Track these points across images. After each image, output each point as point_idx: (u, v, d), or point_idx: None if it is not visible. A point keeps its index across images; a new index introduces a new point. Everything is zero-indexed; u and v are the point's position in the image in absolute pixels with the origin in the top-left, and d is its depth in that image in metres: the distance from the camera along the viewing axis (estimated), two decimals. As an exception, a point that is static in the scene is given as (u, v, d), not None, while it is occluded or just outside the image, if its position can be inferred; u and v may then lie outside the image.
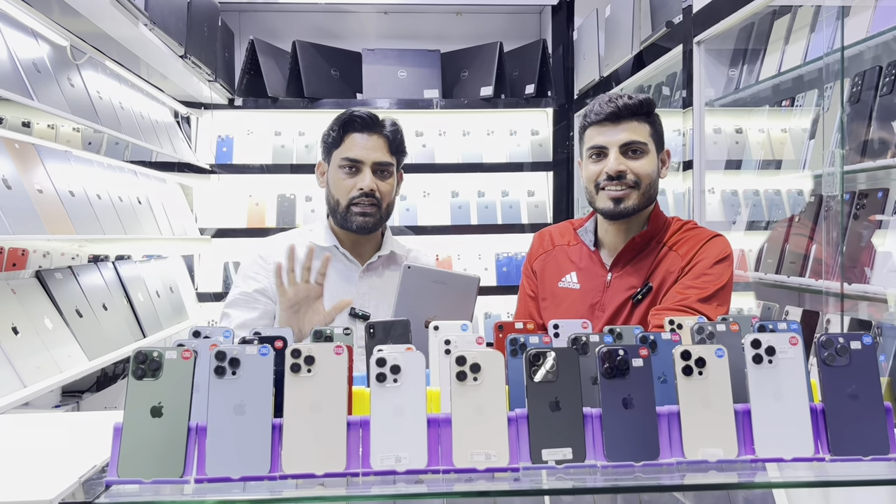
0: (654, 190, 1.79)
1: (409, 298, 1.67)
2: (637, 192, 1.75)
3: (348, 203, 1.91)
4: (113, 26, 2.73)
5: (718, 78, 2.89)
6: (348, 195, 1.91)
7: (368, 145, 1.93)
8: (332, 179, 1.95)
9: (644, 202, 1.77)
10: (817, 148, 2.33)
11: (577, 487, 1.00)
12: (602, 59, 3.92)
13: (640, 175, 1.75)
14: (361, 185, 1.90)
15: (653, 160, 1.77)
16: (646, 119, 1.77)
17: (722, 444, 1.01)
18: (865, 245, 2.09)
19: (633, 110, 1.75)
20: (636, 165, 1.75)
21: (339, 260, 1.98)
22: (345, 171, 1.92)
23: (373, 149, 1.93)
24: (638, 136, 1.75)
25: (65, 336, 2.44)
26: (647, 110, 1.77)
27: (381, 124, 1.96)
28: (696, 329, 1.15)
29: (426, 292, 1.68)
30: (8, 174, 2.19)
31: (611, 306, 1.79)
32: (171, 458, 0.97)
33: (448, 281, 1.72)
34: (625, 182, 1.74)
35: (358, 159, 1.92)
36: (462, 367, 1.01)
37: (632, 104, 1.75)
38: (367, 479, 0.98)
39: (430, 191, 4.58)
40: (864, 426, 1.03)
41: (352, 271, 1.99)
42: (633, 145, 1.75)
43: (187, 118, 4.30)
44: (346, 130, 1.94)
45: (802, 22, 2.45)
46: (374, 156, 1.93)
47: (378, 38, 4.80)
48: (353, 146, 1.93)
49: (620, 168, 1.74)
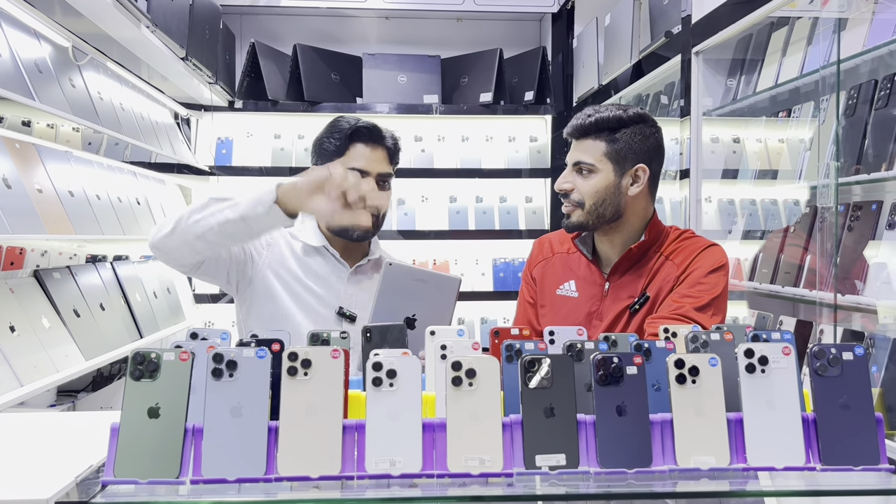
0: (609, 208, 1.76)
1: (390, 296, 1.67)
2: (581, 210, 1.77)
3: None
4: (115, 28, 2.74)
5: (716, 88, 2.90)
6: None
7: (373, 157, 1.94)
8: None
9: (594, 220, 1.77)
10: (813, 159, 2.35)
11: (570, 493, 1.01)
12: (601, 67, 3.94)
13: (583, 194, 1.76)
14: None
15: (604, 179, 1.75)
16: (606, 137, 1.75)
17: (714, 453, 1.02)
18: (859, 257, 2.10)
19: (588, 129, 1.76)
20: (580, 184, 1.77)
21: (328, 260, 2.00)
22: None
23: (377, 160, 1.95)
24: (586, 156, 1.76)
25: (62, 335, 2.44)
26: (605, 128, 1.75)
27: (383, 136, 1.98)
28: (691, 338, 1.16)
29: (407, 291, 1.68)
30: (8, 173, 2.20)
31: (608, 315, 1.79)
32: (167, 458, 0.97)
33: (429, 280, 1.71)
34: (569, 200, 1.79)
35: (364, 170, 1.92)
36: (458, 373, 1.02)
37: (583, 124, 1.76)
38: (361, 482, 0.99)
39: (428, 196, 4.59)
40: (855, 436, 1.04)
41: (340, 272, 2.00)
42: (580, 165, 1.77)
43: (187, 120, 4.31)
44: (351, 140, 1.94)
45: (800, 34, 2.47)
46: (379, 167, 1.95)
47: (378, 42, 4.82)
48: (358, 157, 1.93)
49: (562, 186, 1.79)
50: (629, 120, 1.76)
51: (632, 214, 1.80)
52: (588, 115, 1.78)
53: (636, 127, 1.76)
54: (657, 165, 1.81)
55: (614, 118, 1.75)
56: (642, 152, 1.77)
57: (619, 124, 1.75)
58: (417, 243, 4.47)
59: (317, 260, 2.00)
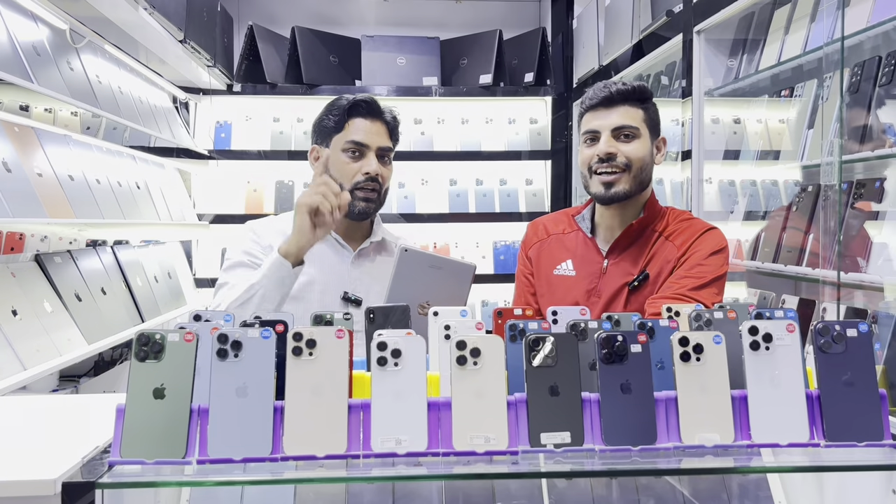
0: (647, 175, 1.80)
1: (404, 281, 1.66)
2: (628, 175, 1.76)
3: (352, 188, 1.89)
4: (112, 10, 2.72)
5: (718, 67, 2.89)
6: (352, 179, 1.90)
7: (372, 130, 1.93)
8: (335, 163, 1.92)
9: (636, 186, 1.78)
10: (816, 138, 2.34)
11: (575, 471, 1.01)
12: (601, 47, 3.92)
13: (630, 158, 1.76)
14: (367, 169, 1.90)
15: (645, 145, 1.78)
16: (640, 105, 1.79)
17: (718, 430, 1.02)
18: (862, 234, 2.10)
19: (625, 96, 1.77)
20: (627, 149, 1.76)
21: (331, 245, 1.98)
22: (348, 154, 1.91)
23: (376, 133, 1.93)
24: (629, 120, 1.77)
25: (64, 320, 2.44)
26: (640, 96, 1.79)
27: (382, 110, 1.97)
28: (694, 316, 1.16)
29: (421, 276, 1.68)
30: (8, 157, 2.19)
31: (607, 292, 1.81)
32: (173, 439, 0.98)
33: (444, 266, 1.71)
34: (615, 164, 1.76)
35: (363, 143, 1.91)
36: (462, 352, 1.02)
37: (625, 90, 1.78)
38: (367, 461, 0.99)
39: (428, 178, 4.58)
40: (859, 413, 1.04)
41: (343, 256, 1.98)
42: (625, 129, 1.77)
43: (186, 103, 4.29)
44: (350, 115, 1.92)
45: (803, 11, 2.45)
46: (379, 140, 1.93)
47: (377, 24, 4.79)
48: (357, 130, 1.91)
49: (610, 150, 1.76)
50: (651, 93, 1.82)
51: (649, 187, 1.83)
52: (622, 83, 1.79)
53: (654, 101, 1.83)
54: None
55: (643, 88, 1.80)
56: (660, 125, 1.82)
57: (648, 95, 1.81)
58: (418, 226, 4.46)
59: (319, 246, 1.95)
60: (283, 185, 4.41)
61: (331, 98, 2.04)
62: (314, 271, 1.92)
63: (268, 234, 1.94)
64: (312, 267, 1.92)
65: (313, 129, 2.01)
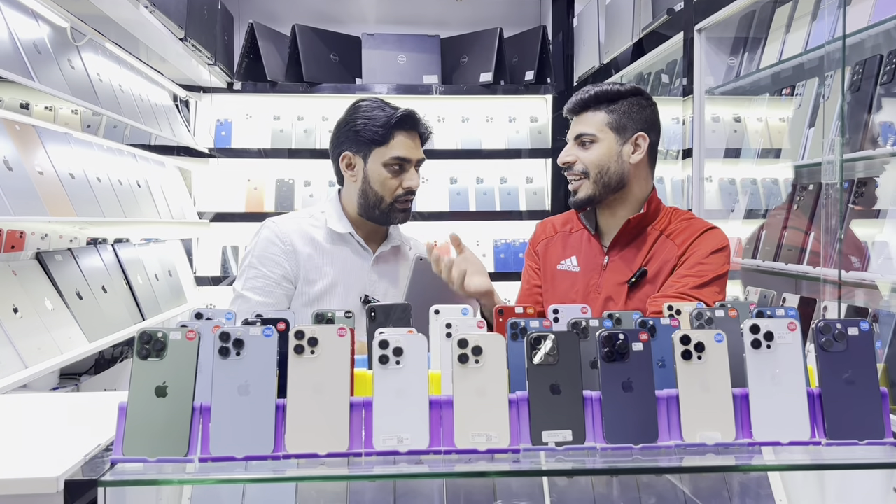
0: (613, 177, 1.80)
1: (419, 290, 1.72)
2: (588, 181, 1.81)
3: (393, 200, 1.95)
4: (113, 8, 2.72)
5: (719, 66, 2.88)
6: (394, 193, 1.94)
7: (413, 144, 1.97)
8: (376, 177, 1.94)
9: (600, 189, 1.81)
10: (817, 136, 2.34)
11: (577, 469, 1.02)
12: (602, 45, 3.91)
13: (586, 164, 1.81)
14: (409, 184, 1.95)
15: (604, 148, 1.80)
16: (604, 107, 1.81)
17: (720, 428, 1.03)
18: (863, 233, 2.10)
19: (586, 103, 1.83)
20: (584, 155, 1.82)
21: (353, 247, 2.00)
22: (392, 169, 1.93)
23: (415, 147, 1.97)
24: (587, 127, 1.82)
25: (65, 318, 2.44)
26: (604, 100, 1.81)
27: (418, 122, 1.99)
28: (695, 315, 1.16)
29: (435, 285, 1.73)
30: (9, 155, 2.19)
31: (606, 288, 1.83)
32: (175, 437, 0.98)
33: None
34: (573, 172, 1.83)
35: (408, 158, 1.94)
36: (464, 350, 1.02)
37: (582, 99, 1.83)
38: (369, 459, 0.99)
39: (428, 177, 4.57)
40: (860, 411, 1.04)
41: (364, 259, 2.00)
42: (583, 136, 1.82)
43: (186, 102, 4.28)
44: (396, 129, 1.94)
45: (804, 10, 2.45)
46: (417, 154, 1.98)
47: (378, 22, 4.79)
48: (401, 146, 1.94)
49: (566, 159, 1.84)
50: (626, 92, 1.83)
51: (635, 184, 1.83)
52: (586, 90, 1.84)
53: (633, 99, 1.83)
54: (655, 136, 1.86)
55: (612, 90, 1.82)
56: (641, 121, 1.82)
57: (617, 96, 1.82)
58: (418, 225, 4.45)
59: (341, 248, 1.99)
60: (283, 183, 4.41)
61: (331, 96, 2.06)
62: (337, 274, 1.95)
63: (291, 236, 1.95)
64: (334, 269, 1.96)
65: (345, 133, 1.98)
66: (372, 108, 1.96)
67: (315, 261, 1.95)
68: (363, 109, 1.97)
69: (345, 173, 2.00)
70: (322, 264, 1.96)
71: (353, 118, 1.97)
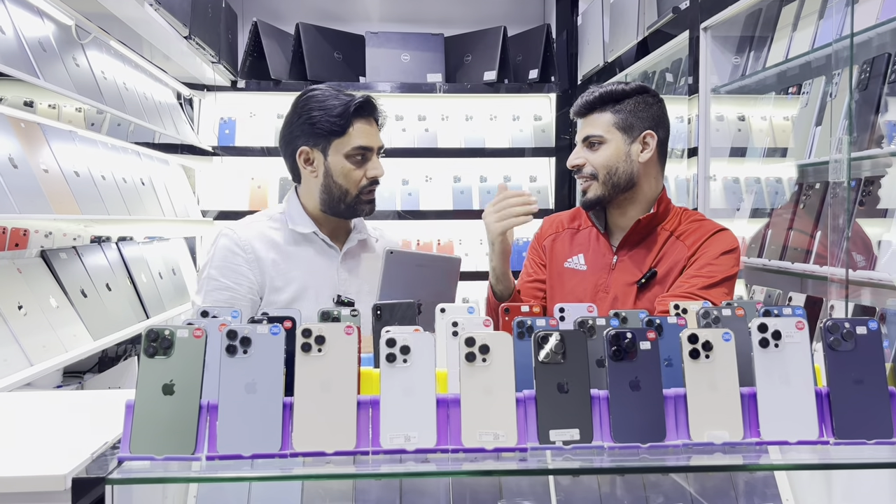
0: (622, 177, 1.80)
1: (393, 283, 1.66)
2: (597, 182, 1.81)
3: (358, 192, 1.85)
4: (118, 6, 2.72)
5: (724, 65, 2.88)
6: (359, 185, 1.85)
7: (372, 131, 1.87)
8: (338, 169, 1.84)
9: (609, 190, 1.81)
10: (823, 135, 2.33)
11: (584, 468, 1.01)
12: (606, 44, 3.91)
13: (595, 166, 1.81)
14: (374, 172, 1.85)
15: (612, 149, 1.80)
16: (611, 108, 1.81)
17: (728, 427, 1.02)
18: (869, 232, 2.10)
19: (591, 105, 1.82)
20: (592, 157, 1.82)
21: (318, 246, 1.90)
22: (355, 159, 1.84)
23: (375, 134, 1.88)
24: (594, 128, 1.81)
25: (70, 315, 2.45)
26: (609, 100, 1.81)
27: (376, 108, 1.89)
28: (702, 313, 1.15)
29: (409, 276, 1.68)
30: (14, 153, 2.19)
31: (614, 288, 1.81)
32: (182, 435, 0.98)
33: (430, 264, 1.73)
34: (583, 175, 1.83)
35: (369, 147, 1.85)
36: (471, 349, 1.02)
37: (588, 100, 1.83)
38: (376, 457, 0.99)
39: (432, 175, 4.58)
40: (869, 410, 1.04)
41: (331, 258, 1.91)
42: (590, 138, 1.82)
43: (190, 100, 4.29)
44: (354, 117, 1.83)
45: (811, 8, 2.44)
46: (378, 141, 1.88)
47: (381, 21, 4.78)
48: (361, 134, 1.84)
49: (575, 162, 1.85)
50: (632, 91, 1.82)
51: (644, 183, 1.83)
52: (591, 91, 1.84)
53: (639, 97, 1.82)
54: (664, 133, 1.85)
55: (618, 90, 1.82)
56: (648, 119, 1.81)
57: (622, 96, 1.81)
58: (421, 223, 4.46)
59: (306, 249, 1.89)
60: (286, 181, 4.40)
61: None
62: (305, 277, 1.85)
63: (252, 243, 1.85)
64: (302, 272, 1.85)
65: (299, 127, 1.87)
66: (325, 98, 1.85)
67: (280, 266, 1.84)
68: (316, 100, 1.85)
69: (303, 170, 1.89)
70: (288, 269, 1.85)
71: (306, 110, 1.85)
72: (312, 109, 1.84)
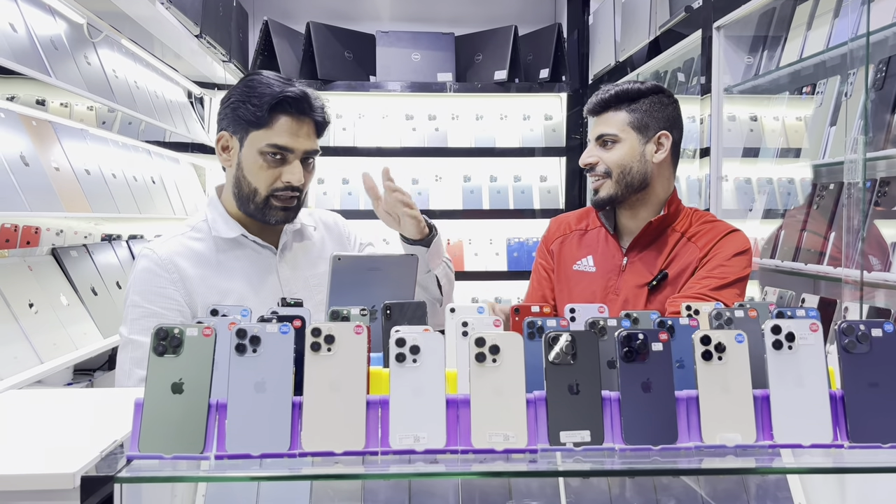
0: (636, 177, 1.79)
1: (343, 290, 1.51)
2: (610, 180, 1.80)
3: (268, 195, 1.66)
4: (129, 5, 2.73)
5: (737, 65, 2.86)
6: (270, 186, 1.65)
7: (300, 132, 1.66)
8: (248, 164, 1.66)
9: (622, 189, 1.80)
10: (838, 135, 2.31)
11: (595, 470, 1.00)
12: (618, 44, 3.89)
13: (609, 164, 1.80)
14: (289, 178, 1.65)
15: (626, 148, 1.79)
16: (626, 107, 1.80)
17: (740, 430, 1.01)
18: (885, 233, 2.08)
19: (606, 103, 1.82)
20: (606, 156, 1.81)
21: (251, 249, 1.72)
22: (268, 157, 1.64)
23: (304, 136, 1.67)
24: (608, 127, 1.81)
25: (80, 313, 2.45)
26: (625, 99, 1.80)
27: (313, 107, 1.69)
28: (714, 315, 1.14)
29: (360, 281, 1.53)
30: (25, 151, 2.20)
31: (625, 291, 1.80)
32: (191, 434, 0.97)
33: (383, 266, 1.56)
34: (595, 173, 1.82)
35: (288, 147, 1.64)
36: (481, 349, 1.01)
37: (603, 99, 1.82)
38: (385, 457, 0.98)
39: (442, 175, 4.57)
40: (884, 414, 1.02)
41: (268, 259, 1.73)
42: (604, 137, 1.81)
43: (201, 98, 4.30)
44: (275, 111, 1.63)
45: (826, 7, 2.42)
46: (305, 144, 1.67)
47: (392, 20, 4.78)
48: (281, 131, 1.64)
49: (588, 160, 1.84)
50: (647, 91, 1.81)
51: (657, 184, 1.81)
52: (606, 90, 1.83)
53: (654, 97, 1.81)
54: (678, 134, 1.84)
55: (633, 89, 1.81)
56: (663, 119, 1.80)
57: (638, 95, 1.80)
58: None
59: (237, 255, 1.71)
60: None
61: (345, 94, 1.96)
62: (242, 286, 1.68)
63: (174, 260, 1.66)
64: (237, 282, 1.68)
65: (223, 111, 1.69)
66: (259, 84, 1.65)
67: (210, 280, 1.66)
68: (250, 85, 1.66)
69: (219, 156, 1.71)
70: (219, 282, 1.67)
71: (235, 93, 1.67)
72: (242, 94, 1.66)
